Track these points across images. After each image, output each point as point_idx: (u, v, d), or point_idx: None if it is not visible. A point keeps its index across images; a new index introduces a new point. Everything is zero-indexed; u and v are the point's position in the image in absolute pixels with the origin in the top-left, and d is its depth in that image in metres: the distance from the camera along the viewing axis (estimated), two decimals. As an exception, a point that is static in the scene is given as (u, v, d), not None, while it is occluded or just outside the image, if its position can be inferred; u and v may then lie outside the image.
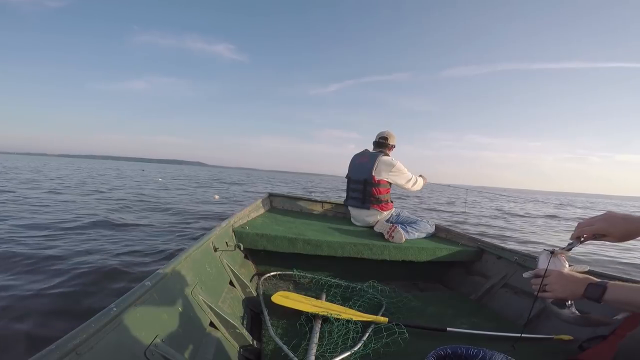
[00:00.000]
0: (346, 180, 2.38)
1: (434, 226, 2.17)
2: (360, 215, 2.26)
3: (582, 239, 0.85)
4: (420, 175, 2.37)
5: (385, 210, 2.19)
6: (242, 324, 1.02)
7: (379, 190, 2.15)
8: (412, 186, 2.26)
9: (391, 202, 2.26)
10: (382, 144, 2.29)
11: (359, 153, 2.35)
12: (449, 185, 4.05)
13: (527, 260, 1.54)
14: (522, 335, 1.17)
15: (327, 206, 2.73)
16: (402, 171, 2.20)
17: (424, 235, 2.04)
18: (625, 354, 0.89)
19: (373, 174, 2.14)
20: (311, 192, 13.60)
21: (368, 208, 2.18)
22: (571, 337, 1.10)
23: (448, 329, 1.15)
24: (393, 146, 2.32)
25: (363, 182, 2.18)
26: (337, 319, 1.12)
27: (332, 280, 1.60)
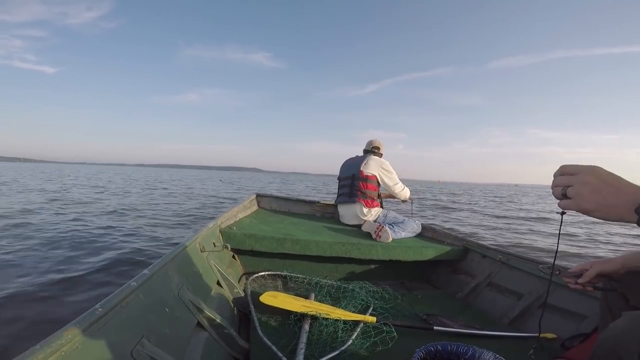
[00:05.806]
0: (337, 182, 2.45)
1: (421, 226, 2.21)
2: (347, 211, 2.31)
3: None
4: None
5: (371, 207, 2.23)
6: (230, 324, 1.00)
7: (366, 185, 2.22)
8: (399, 190, 2.34)
9: (379, 202, 2.31)
10: (375, 152, 2.40)
11: (350, 157, 2.46)
12: (516, 185, 3.66)
13: (511, 259, 1.58)
14: (507, 333, 1.20)
15: (315, 206, 2.73)
16: (391, 171, 2.30)
17: (410, 234, 2.07)
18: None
19: (361, 169, 2.24)
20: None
21: (354, 202, 2.23)
22: (555, 336, 1.14)
23: (435, 327, 1.17)
24: (382, 154, 2.44)
25: (351, 177, 2.27)
26: (326, 319, 1.12)
27: (321, 280, 1.59)
